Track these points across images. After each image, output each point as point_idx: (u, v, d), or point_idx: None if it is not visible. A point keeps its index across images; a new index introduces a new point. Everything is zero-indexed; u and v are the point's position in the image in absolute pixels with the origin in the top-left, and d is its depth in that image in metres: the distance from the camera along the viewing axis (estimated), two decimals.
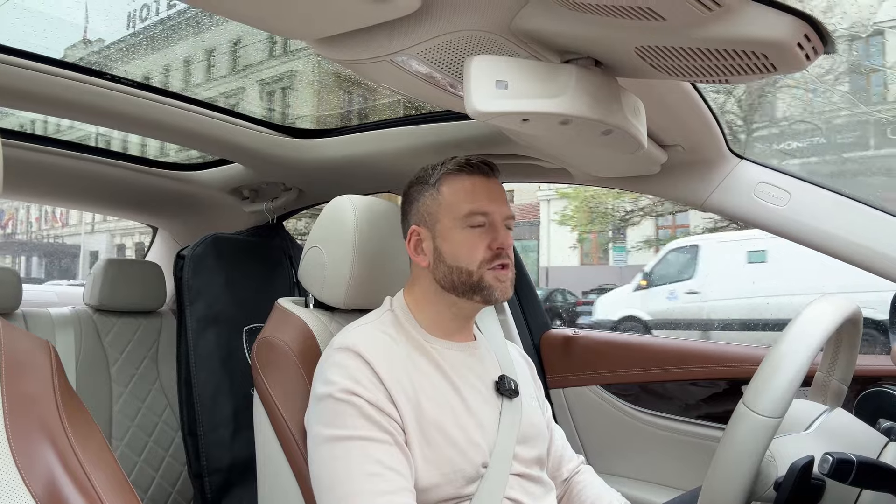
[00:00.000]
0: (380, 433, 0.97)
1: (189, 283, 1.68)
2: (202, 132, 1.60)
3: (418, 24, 0.81)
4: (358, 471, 0.94)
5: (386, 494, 0.92)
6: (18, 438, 0.67)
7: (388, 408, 0.99)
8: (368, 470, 0.94)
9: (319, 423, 1.00)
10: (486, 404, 1.10)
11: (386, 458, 0.95)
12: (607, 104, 0.87)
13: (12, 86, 1.29)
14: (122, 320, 2.10)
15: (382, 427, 0.97)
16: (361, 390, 0.98)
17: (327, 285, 1.23)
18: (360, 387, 0.99)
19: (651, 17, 0.69)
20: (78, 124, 1.71)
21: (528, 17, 0.80)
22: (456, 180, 1.10)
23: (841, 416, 0.96)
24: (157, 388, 2.09)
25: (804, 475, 0.82)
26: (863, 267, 1.20)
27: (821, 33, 0.69)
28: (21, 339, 0.76)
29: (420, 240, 1.12)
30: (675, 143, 1.28)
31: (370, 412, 0.97)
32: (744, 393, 0.83)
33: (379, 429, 0.97)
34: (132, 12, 2.64)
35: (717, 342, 1.92)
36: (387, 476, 0.94)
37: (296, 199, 2.00)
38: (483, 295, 1.08)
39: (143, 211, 2.41)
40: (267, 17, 0.84)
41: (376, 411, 0.98)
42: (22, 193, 2.26)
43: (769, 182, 1.28)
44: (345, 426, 0.97)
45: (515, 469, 1.09)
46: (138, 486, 1.96)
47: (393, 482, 0.93)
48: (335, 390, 0.99)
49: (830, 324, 0.87)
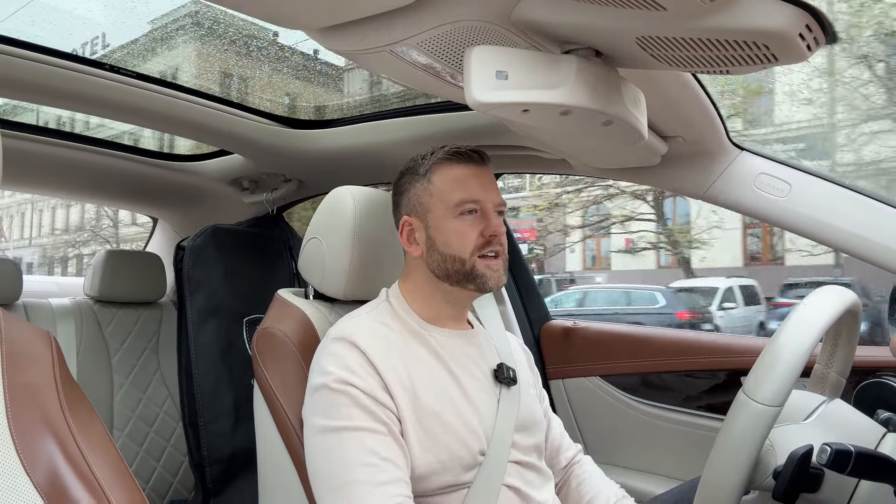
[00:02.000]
0: (375, 423, 0.97)
1: (189, 274, 1.68)
2: (202, 123, 1.60)
3: (418, 14, 0.81)
4: (354, 461, 0.94)
5: (382, 485, 0.92)
6: (20, 428, 0.68)
7: (383, 397, 0.99)
8: (364, 460, 0.94)
9: (315, 414, 1.01)
10: (483, 392, 1.10)
11: (381, 448, 0.95)
12: (607, 95, 0.87)
13: (13, 76, 1.28)
14: (122, 311, 2.10)
15: (377, 417, 0.98)
16: (356, 380, 0.99)
17: (327, 276, 1.23)
18: (356, 376, 0.99)
19: (652, 7, 0.68)
20: (79, 115, 1.71)
21: (528, 8, 0.79)
22: (446, 169, 1.11)
23: (840, 407, 0.96)
24: (157, 379, 2.09)
25: (803, 464, 0.83)
26: (863, 258, 1.20)
27: (822, 24, 0.69)
28: (22, 330, 0.76)
29: (412, 230, 1.12)
30: (676, 134, 1.28)
31: (365, 402, 0.98)
32: (743, 382, 0.83)
33: (374, 419, 0.97)
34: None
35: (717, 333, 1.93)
36: (383, 466, 0.94)
37: (296, 189, 2.00)
38: (476, 283, 1.08)
39: (143, 202, 2.41)
40: (267, 7, 0.83)
41: (371, 401, 0.98)
42: (22, 184, 2.26)
43: (770, 173, 1.28)
44: (340, 416, 0.97)
45: (513, 457, 1.09)
46: (140, 476, 1.97)
47: (389, 472, 0.94)
48: (330, 380, 1.00)
49: (830, 314, 0.87)
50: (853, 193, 1.22)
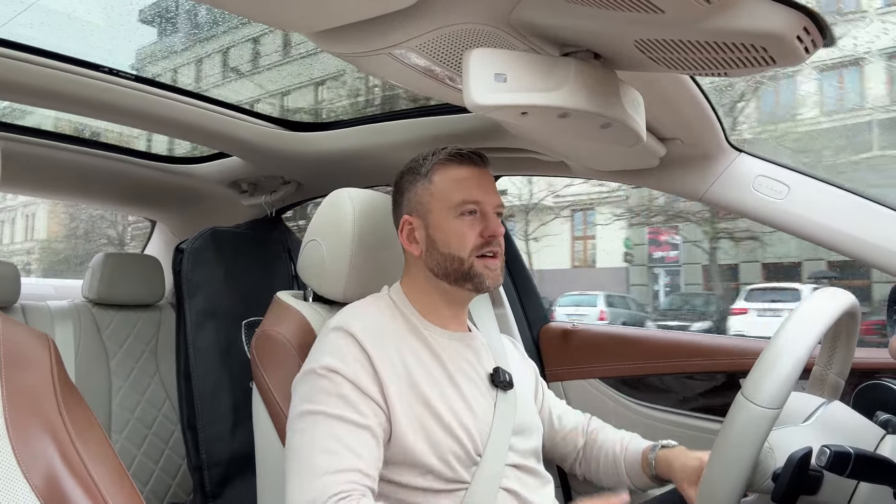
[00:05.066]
0: (351, 414, 0.97)
1: (188, 277, 1.68)
2: (201, 125, 1.60)
3: (417, 17, 0.81)
4: (318, 446, 0.95)
5: (336, 473, 0.93)
6: (18, 431, 0.68)
7: (369, 389, 1.00)
8: (327, 446, 0.95)
9: (298, 397, 1.03)
10: (480, 395, 1.10)
11: (349, 438, 0.96)
12: (606, 97, 0.87)
13: (10, 79, 1.28)
14: (121, 314, 2.10)
15: (357, 409, 0.98)
16: (344, 368, 1.00)
17: (326, 278, 1.23)
18: (344, 365, 1.00)
19: (650, 10, 0.69)
20: (75, 117, 1.70)
21: (526, 10, 0.79)
22: (447, 170, 1.12)
23: (839, 409, 0.96)
24: (156, 382, 2.09)
25: (802, 466, 0.83)
26: (861, 260, 1.20)
27: (820, 26, 0.69)
28: (20, 333, 0.76)
29: (412, 229, 1.13)
30: (674, 137, 1.28)
31: (347, 392, 0.99)
32: (742, 384, 0.83)
33: (352, 410, 0.98)
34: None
35: (716, 335, 1.93)
36: (343, 455, 0.94)
37: (294, 192, 2.00)
38: (474, 283, 1.09)
39: (142, 204, 2.40)
40: (266, 10, 0.83)
41: (355, 391, 0.99)
42: (21, 187, 2.25)
43: (768, 175, 1.28)
44: (318, 402, 0.99)
45: (511, 460, 1.09)
46: (138, 479, 1.97)
47: (348, 462, 0.94)
48: (317, 366, 1.01)
49: (829, 315, 0.87)
50: (851, 195, 1.23)
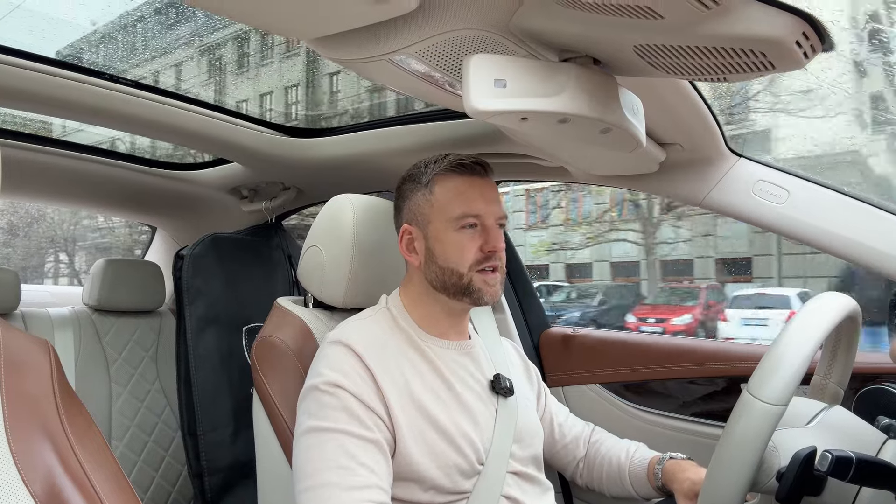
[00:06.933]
0: (359, 428, 0.97)
1: (188, 283, 1.68)
2: (201, 132, 1.60)
3: (417, 23, 0.81)
4: (330, 463, 0.94)
5: (353, 489, 0.92)
6: (18, 438, 0.67)
7: (373, 402, 0.99)
8: (340, 463, 0.94)
9: (304, 414, 1.01)
10: (481, 403, 1.10)
11: (360, 453, 0.95)
12: (606, 103, 0.87)
13: (10, 86, 1.28)
14: (121, 320, 2.09)
15: (363, 423, 0.97)
16: (347, 383, 0.99)
17: (326, 284, 1.22)
18: (347, 379, 0.99)
19: (649, 16, 0.69)
20: (76, 124, 1.71)
21: (526, 16, 0.79)
22: (448, 181, 1.10)
23: (840, 413, 0.96)
24: (156, 388, 2.09)
25: (807, 465, 0.83)
26: (861, 264, 1.20)
27: (819, 31, 0.69)
28: (20, 339, 0.76)
29: (412, 239, 1.12)
30: (674, 142, 1.28)
31: (352, 406, 0.98)
32: (747, 383, 0.83)
33: (359, 424, 0.97)
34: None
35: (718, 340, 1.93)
36: (357, 471, 0.94)
37: (294, 198, 2.00)
38: (472, 297, 1.08)
39: (142, 210, 2.40)
40: (265, 16, 0.83)
41: (359, 405, 0.98)
42: (21, 194, 2.25)
43: (768, 180, 1.28)
44: (325, 418, 0.98)
45: (512, 467, 1.09)
46: (138, 486, 1.96)
47: (363, 477, 0.93)
48: (321, 382, 1.00)
49: (833, 316, 0.88)
50: (851, 200, 1.23)
